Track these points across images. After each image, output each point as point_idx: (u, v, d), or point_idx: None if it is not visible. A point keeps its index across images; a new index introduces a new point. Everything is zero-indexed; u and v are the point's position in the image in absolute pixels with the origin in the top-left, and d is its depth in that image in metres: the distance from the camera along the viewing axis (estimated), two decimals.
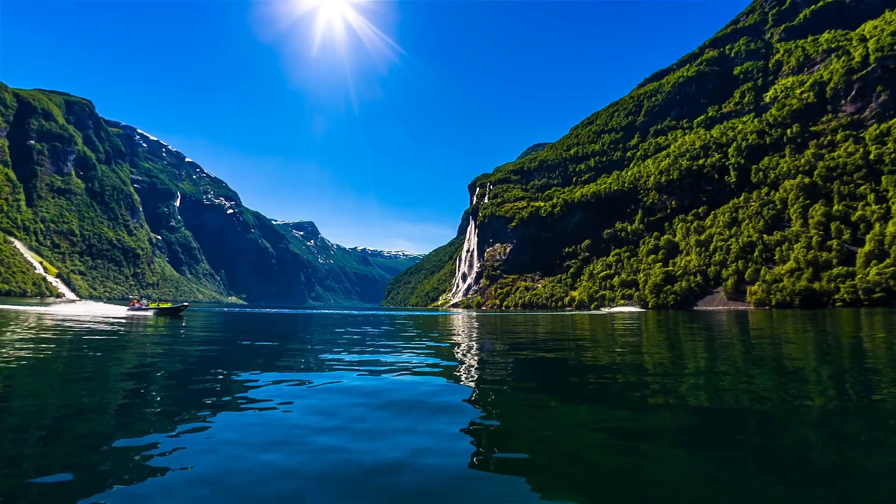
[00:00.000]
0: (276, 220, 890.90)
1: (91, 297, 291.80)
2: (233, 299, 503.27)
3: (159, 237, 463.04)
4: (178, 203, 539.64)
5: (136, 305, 46.55)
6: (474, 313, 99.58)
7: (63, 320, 31.68)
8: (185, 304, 50.35)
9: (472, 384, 10.15)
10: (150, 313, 43.96)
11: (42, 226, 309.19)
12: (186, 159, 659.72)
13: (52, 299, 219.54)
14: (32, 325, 26.66)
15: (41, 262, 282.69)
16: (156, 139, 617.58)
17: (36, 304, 69.44)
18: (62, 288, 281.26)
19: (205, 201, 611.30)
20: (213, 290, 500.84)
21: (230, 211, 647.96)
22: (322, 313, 68.81)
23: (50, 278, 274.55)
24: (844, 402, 8.38)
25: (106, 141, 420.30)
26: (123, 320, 33.98)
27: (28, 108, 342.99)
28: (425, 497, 4.32)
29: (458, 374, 11.58)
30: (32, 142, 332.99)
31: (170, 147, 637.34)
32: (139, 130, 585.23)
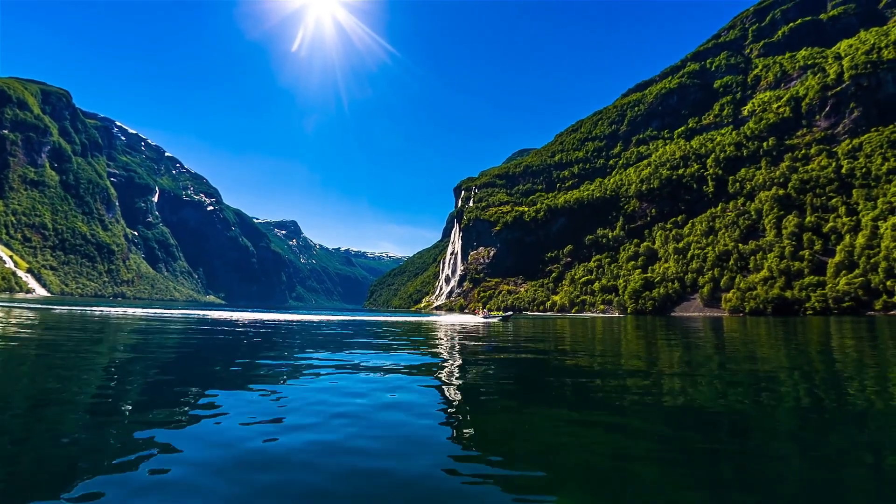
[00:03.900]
0: (257, 219, 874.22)
1: (63, 294, 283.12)
2: (211, 298, 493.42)
3: (135, 233, 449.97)
4: (156, 198, 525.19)
5: (485, 314, 62.44)
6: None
7: (460, 327, 38.02)
8: (511, 313, 71.18)
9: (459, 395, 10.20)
10: (495, 320, 57.16)
11: (13, 219, 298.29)
12: (166, 154, 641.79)
13: (36, 297, 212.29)
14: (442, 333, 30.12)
15: (11, 257, 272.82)
16: (135, 132, 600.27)
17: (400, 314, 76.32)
18: (32, 283, 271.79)
19: (184, 197, 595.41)
20: (190, 288, 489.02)
21: (210, 208, 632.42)
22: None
23: (20, 273, 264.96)
24: (816, 408, 8.66)
25: (83, 133, 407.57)
26: (480, 324, 45.81)
27: (2, 96, 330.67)
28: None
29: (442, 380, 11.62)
30: (6, 132, 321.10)
31: (149, 141, 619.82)
32: (118, 123, 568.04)
